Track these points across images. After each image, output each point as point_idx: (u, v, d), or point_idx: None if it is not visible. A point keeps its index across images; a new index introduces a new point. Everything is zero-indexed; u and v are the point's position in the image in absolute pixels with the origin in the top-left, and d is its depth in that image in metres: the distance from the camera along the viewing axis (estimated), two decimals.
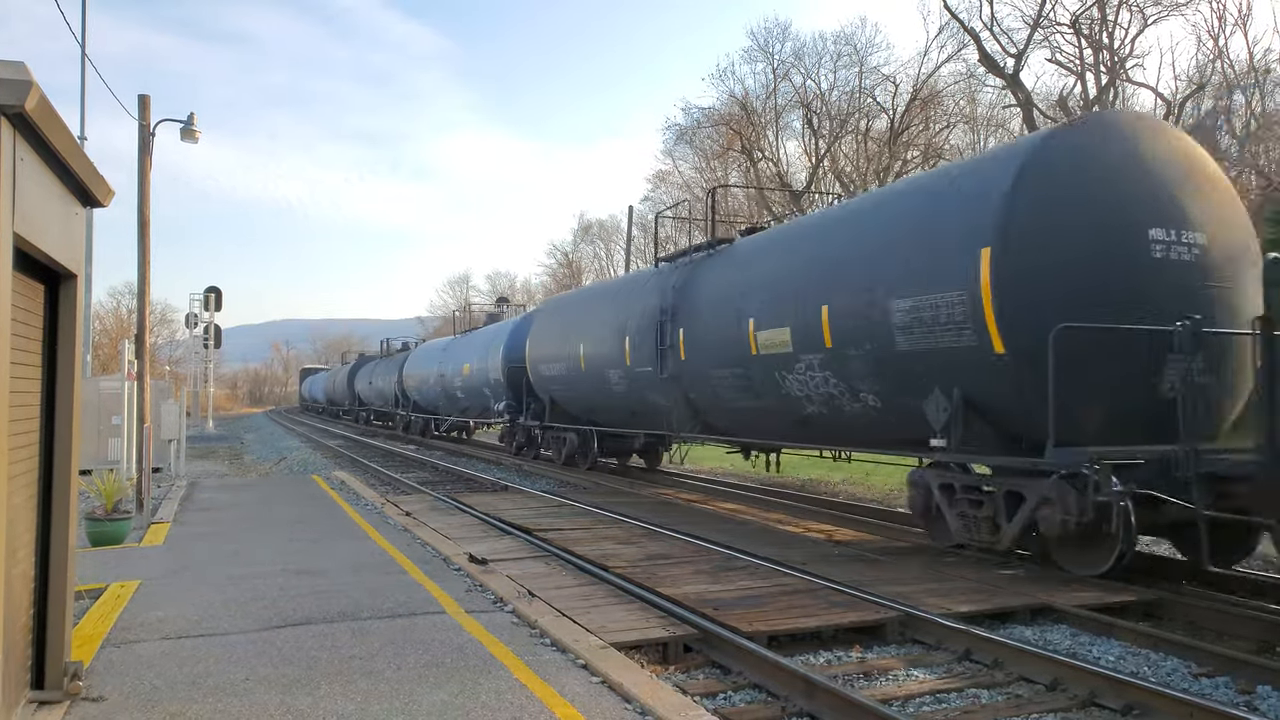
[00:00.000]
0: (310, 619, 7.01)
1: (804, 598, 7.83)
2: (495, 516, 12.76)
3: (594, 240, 71.69)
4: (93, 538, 10.57)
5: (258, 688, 5.43)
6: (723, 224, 19.08)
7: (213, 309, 39.11)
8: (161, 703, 5.17)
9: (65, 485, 5.22)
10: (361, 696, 5.26)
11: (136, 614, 7.18)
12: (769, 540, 10.93)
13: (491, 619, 6.99)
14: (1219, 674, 6.30)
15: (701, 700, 5.71)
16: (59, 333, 5.30)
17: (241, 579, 8.50)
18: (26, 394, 4.80)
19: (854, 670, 6.45)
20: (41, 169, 4.57)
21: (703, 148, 48.30)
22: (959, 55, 38.53)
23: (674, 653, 6.73)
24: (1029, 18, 34.24)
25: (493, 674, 5.64)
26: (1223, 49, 32.65)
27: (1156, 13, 33.04)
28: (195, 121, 15.30)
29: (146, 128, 13.72)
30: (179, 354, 66.13)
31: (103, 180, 5.44)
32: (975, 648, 6.71)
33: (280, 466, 26.74)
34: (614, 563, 9.32)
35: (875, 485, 17.20)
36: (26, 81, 3.96)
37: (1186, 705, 5.35)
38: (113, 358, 45.28)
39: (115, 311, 68.14)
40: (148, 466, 13.39)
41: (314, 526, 11.84)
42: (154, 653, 6.14)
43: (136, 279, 13.67)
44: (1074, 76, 35.03)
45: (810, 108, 42.39)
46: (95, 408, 19.25)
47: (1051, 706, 5.74)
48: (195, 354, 47.06)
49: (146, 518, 12.60)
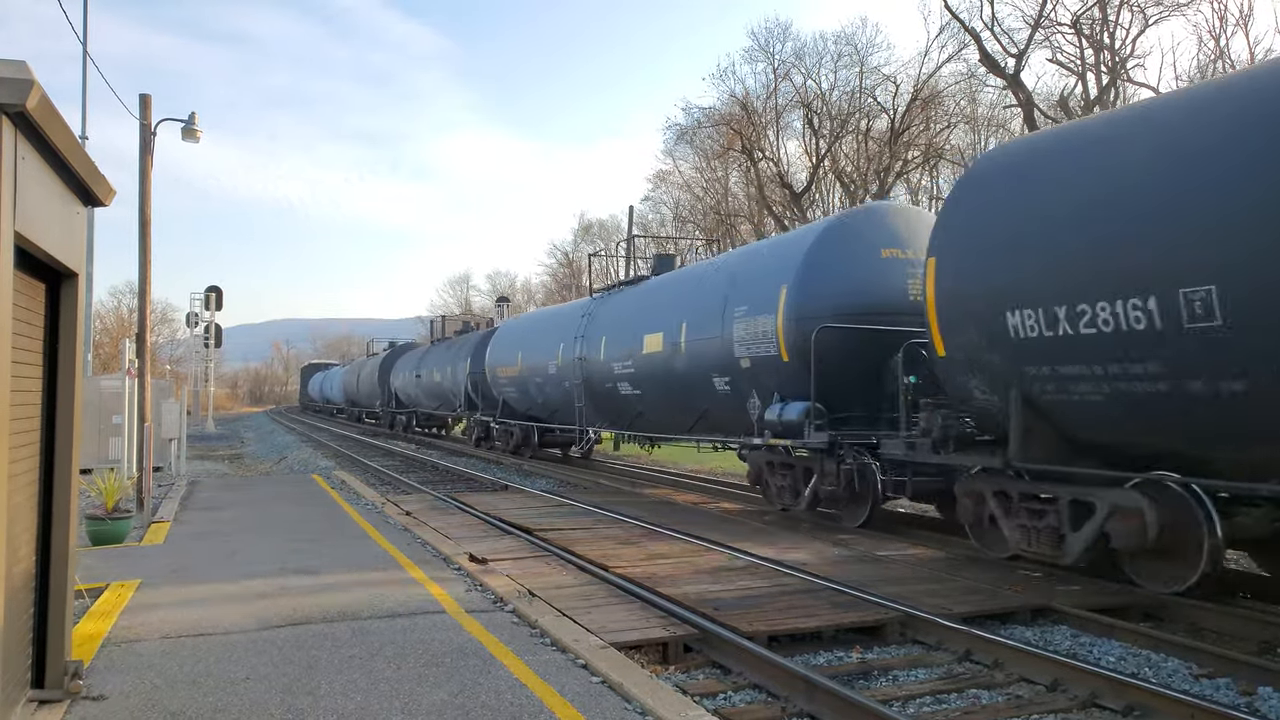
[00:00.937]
0: (310, 618, 7.01)
1: (804, 598, 7.82)
2: (495, 516, 12.77)
3: (594, 240, 71.62)
4: (93, 537, 10.57)
5: (258, 687, 5.43)
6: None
7: (213, 308, 39.13)
8: (162, 702, 5.17)
9: (66, 484, 5.22)
10: (362, 696, 5.26)
11: (137, 613, 7.18)
12: (769, 540, 10.92)
13: (491, 619, 6.99)
14: (1220, 675, 6.30)
15: (701, 700, 5.71)
16: (60, 331, 5.30)
17: (242, 578, 8.50)
18: (27, 393, 4.80)
19: (854, 670, 6.45)
20: (43, 168, 4.56)
21: (703, 148, 48.29)
22: (960, 55, 38.53)
23: (674, 653, 6.73)
24: (1030, 17, 34.25)
25: (493, 673, 5.64)
26: (1224, 49, 32.65)
27: (1158, 13, 33.05)
28: (196, 121, 15.29)
29: (148, 127, 13.72)
30: (180, 353, 66.20)
31: (104, 179, 5.44)
32: (975, 648, 6.71)
33: (280, 466, 26.75)
34: (614, 562, 9.32)
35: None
36: (28, 80, 3.96)
37: (1187, 706, 5.34)
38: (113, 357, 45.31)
39: (116, 310, 68.23)
40: (148, 465, 13.38)
41: (314, 526, 11.85)
42: (155, 652, 6.14)
43: (137, 278, 13.67)
44: (1075, 77, 35.03)
45: (811, 108, 42.39)
46: (96, 407, 19.24)
47: (1052, 707, 5.74)
48: (196, 353, 47.13)
49: (147, 517, 12.61)
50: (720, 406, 14.63)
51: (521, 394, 24.25)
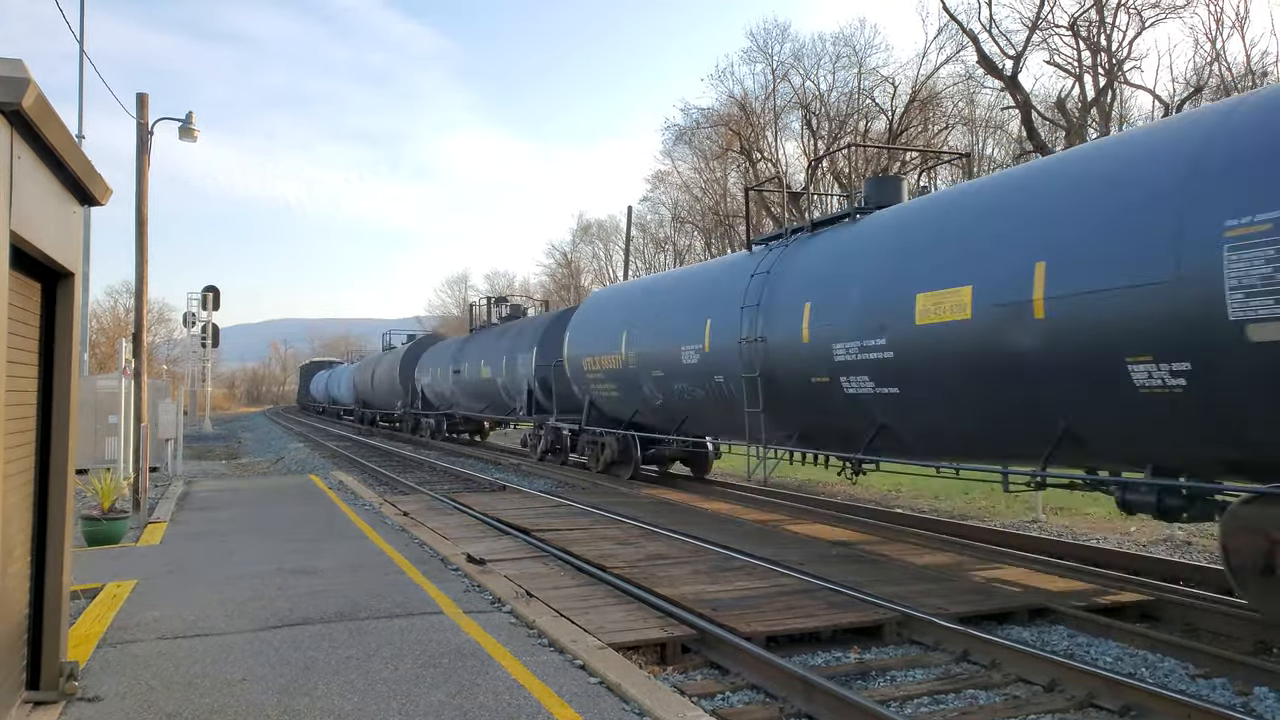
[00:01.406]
0: (307, 619, 7.00)
1: (802, 598, 7.82)
2: (493, 516, 12.75)
3: (593, 240, 71.70)
4: (89, 537, 10.54)
5: (254, 688, 5.41)
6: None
7: (210, 308, 39.11)
8: (158, 703, 5.16)
9: (62, 484, 5.21)
10: (359, 697, 5.25)
11: (133, 614, 7.16)
12: (767, 540, 10.92)
13: (489, 619, 6.98)
14: (1216, 675, 6.30)
15: (700, 701, 5.70)
16: (56, 331, 5.29)
17: (238, 579, 8.49)
18: (23, 392, 4.79)
19: (852, 671, 6.44)
20: (39, 167, 4.55)
21: (702, 148, 48.35)
22: (958, 57, 38.64)
23: (672, 653, 6.73)
24: (1027, 20, 34.32)
25: (490, 674, 5.63)
26: (1220, 52, 32.71)
27: (1154, 15, 33.15)
28: (194, 120, 15.27)
29: (145, 126, 13.71)
30: (177, 353, 66.16)
31: (100, 179, 5.43)
32: (973, 648, 6.71)
33: (278, 466, 26.72)
34: (612, 563, 9.31)
35: (872, 485, 17.21)
36: (24, 79, 3.94)
37: (1184, 706, 5.34)
38: (110, 356, 45.23)
39: (113, 310, 68.09)
40: (144, 466, 13.37)
41: (311, 526, 11.83)
42: (150, 653, 6.12)
43: (134, 277, 13.66)
44: (1072, 78, 35.09)
45: (809, 109, 42.45)
46: (92, 406, 19.22)
47: (1049, 707, 5.74)
48: (193, 353, 47.08)
49: (143, 517, 12.59)
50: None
51: (627, 393, 17.57)
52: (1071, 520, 13.15)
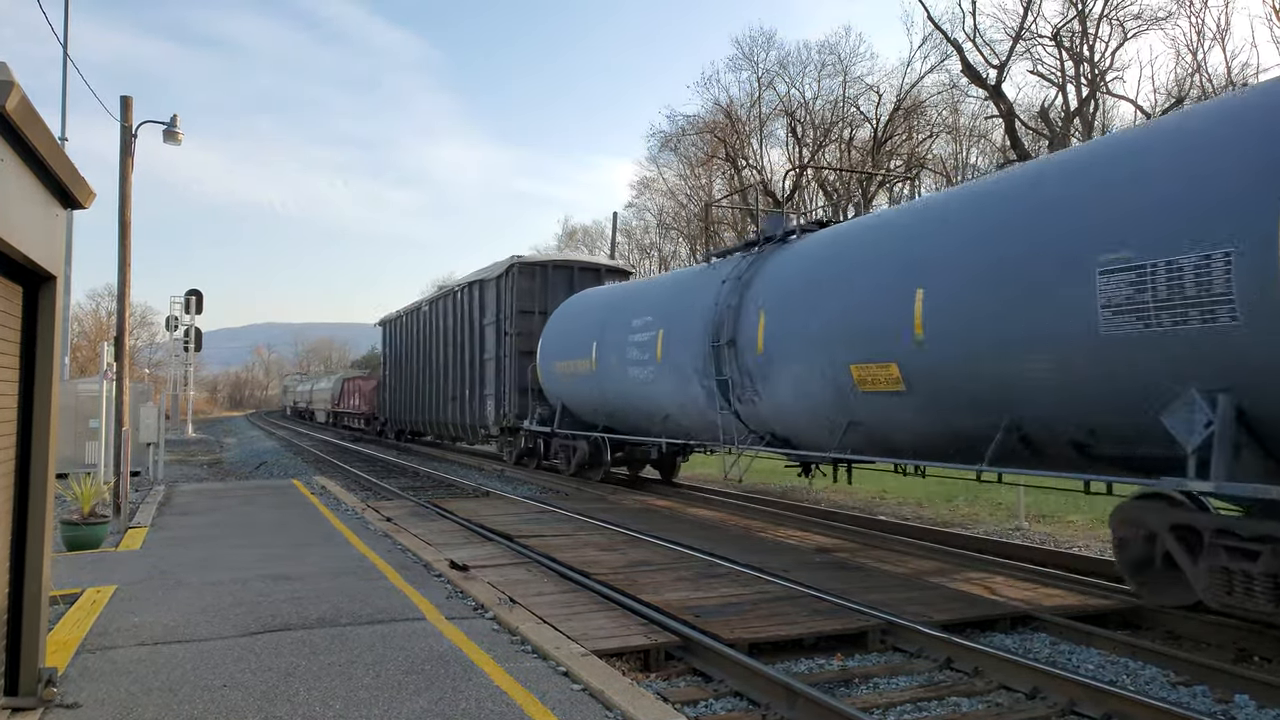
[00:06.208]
0: (289, 625, 6.96)
1: (786, 605, 7.83)
2: (476, 522, 12.71)
3: (578, 246, 71.67)
4: (69, 542, 10.45)
5: (235, 695, 5.38)
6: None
7: (193, 312, 38.80)
8: (137, 709, 5.12)
9: (41, 488, 5.17)
10: (340, 704, 5.22)
11: (113, 619, 7.10)
12: (750, 547, 10.93)
13: (472, 626, 6.96)
14: (1196, 683, 6.35)
15: (683, 708, 5.70)
16: (37, 335, 5.25)
17: (220, 584, 8.43)
18: (3, 396, 4.75)
19: (835, 678, 6.46)
20: (21, 170, 4.52)
21: (687, 155, 48.49)
22: (942, 66, 38.92)
23: (655, 660, 6.72)
24: (1011, 29, 34.63)
25: (473, 681, 5.61)
26: (1201, 63, 33.08)
27: (1136, 26, 33.52)
28: (178, 124, 15.20)
29: (128, 129, 13.63)
30: (159, 357, 65.74)
31: (84, 182, 5.39)
32: (956, 656, 6.73)
33: (260, 471, 26.57)
34: (595, 569, 9.30)
35: (856, 491, 17.25)
36: (7, 82, 3.93)
37: (1165, 714, 5.38)
38: (91, 360, 44.91)
39: (94, 314, 67.69)
40: (125, 470, 13.27)
41: (293, 531, 11.76)
42: (130, 659, 6.07)
43: (117, 281, 13.57)
44: (1055, 88, 35.40)
45: (794, 116, 42.62)
46: (73, 410, 19.06)
47: (1031, 714, 5.77)
48: (175, 357, 46.74)
49: (124, 522, 12.49)
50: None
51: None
52: (1054, 528, 13.22)
